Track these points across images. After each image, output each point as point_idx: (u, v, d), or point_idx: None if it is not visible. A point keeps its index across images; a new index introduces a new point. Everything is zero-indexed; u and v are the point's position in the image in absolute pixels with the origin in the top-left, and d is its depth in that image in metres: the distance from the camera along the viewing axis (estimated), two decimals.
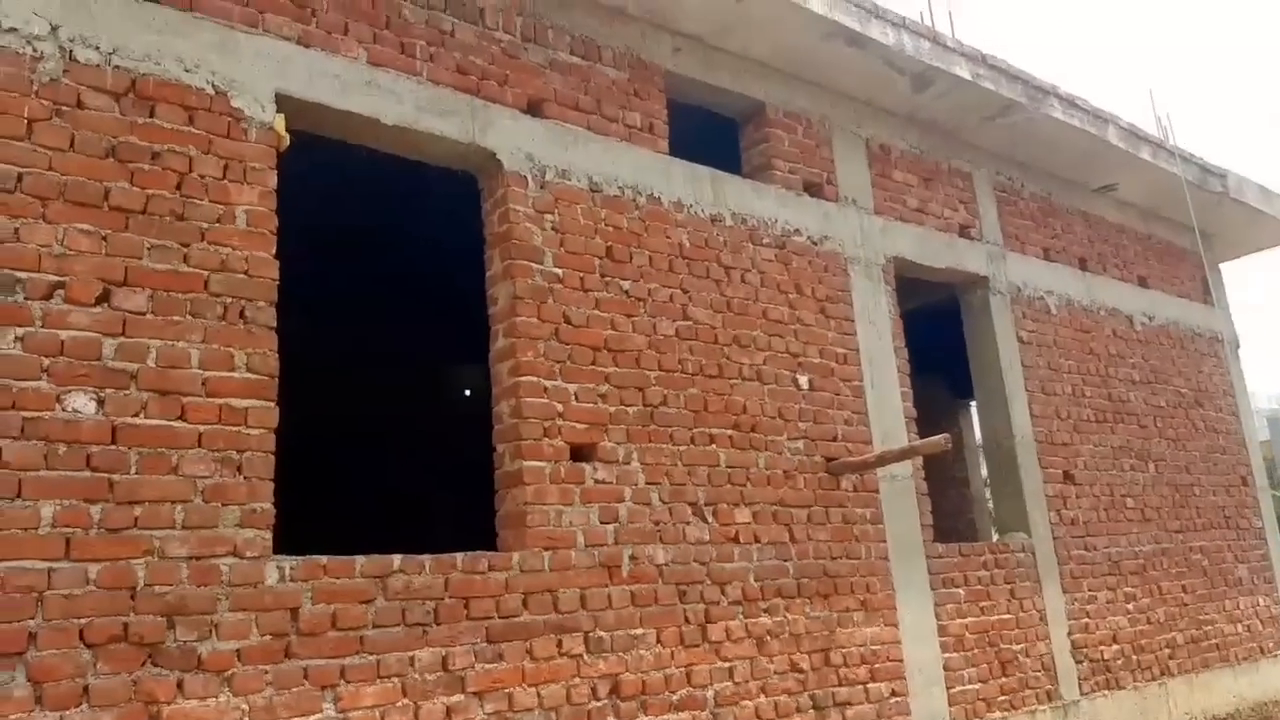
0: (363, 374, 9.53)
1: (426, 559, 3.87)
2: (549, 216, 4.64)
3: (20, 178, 3.27)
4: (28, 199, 3.26)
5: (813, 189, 5.88)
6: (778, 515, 5.09)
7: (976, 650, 5.79)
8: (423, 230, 6.83)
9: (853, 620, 5.23)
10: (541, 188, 4.66)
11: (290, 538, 3.68)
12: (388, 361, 9.59)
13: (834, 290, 5.74)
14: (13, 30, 3.37)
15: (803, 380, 5.42)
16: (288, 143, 3.93)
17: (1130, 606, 6.96)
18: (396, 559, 3.79)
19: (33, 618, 2.98)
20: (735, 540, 4.86)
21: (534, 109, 4.77)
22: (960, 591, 5.83)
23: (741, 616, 4.78)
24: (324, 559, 3.58)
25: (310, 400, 4.18)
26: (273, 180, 3.82)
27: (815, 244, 5.74)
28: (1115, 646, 6.74)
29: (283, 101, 3.93)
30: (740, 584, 4.82)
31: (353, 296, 8.20)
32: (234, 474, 3.44)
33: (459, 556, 3.98)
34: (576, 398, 4.50)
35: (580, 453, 4.45)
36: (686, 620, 4.58)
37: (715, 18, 5.31)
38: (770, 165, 5.73)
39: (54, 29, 3.45)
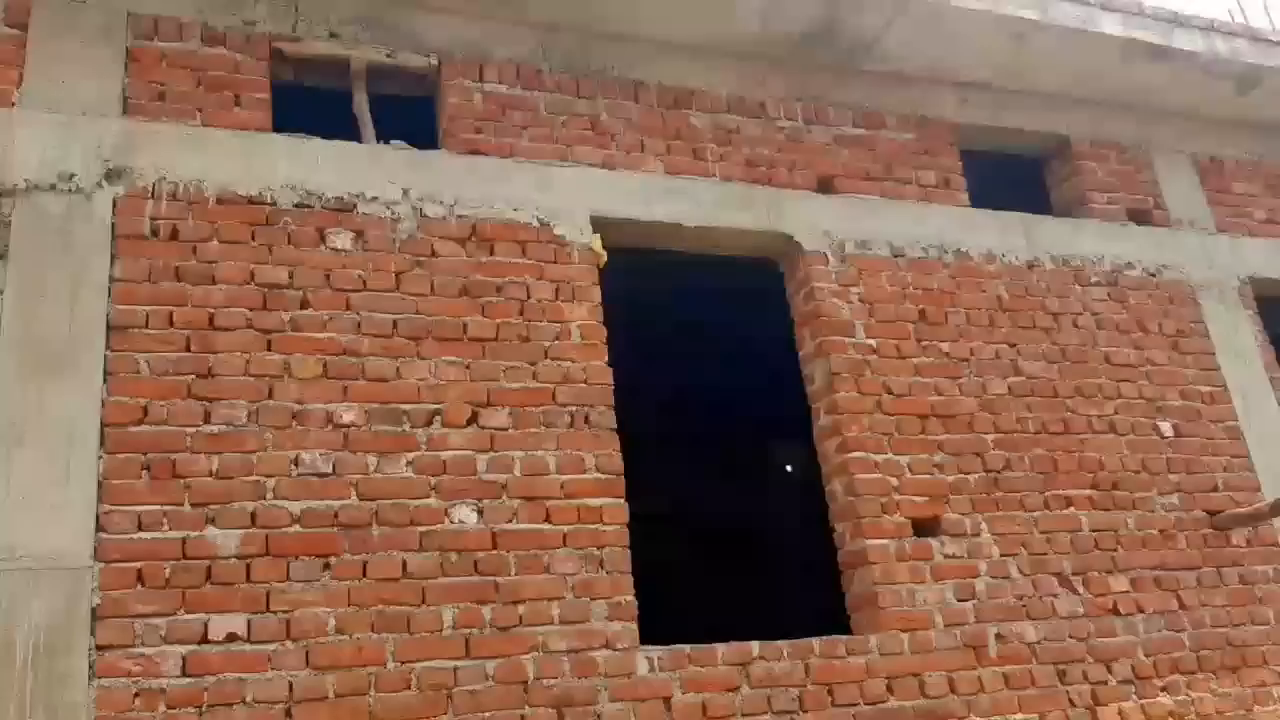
0: (684, 458, 9.77)
1: (784, 645, 3.83)
2: (854, 289, 4.61)
3: (395, 323, 3.75)
4: (404, 340, 3.73)
5: (1139, 217, 5.42)
6: (1160, 581, 4.55)
7: None
8: (727, 318, 7.03)
9: (1272, 696, 4.52)
10: (843, 261, 4.65)
11: (650, 629, 3.80)
12: (702, 443, 9.77)
13: (1184, 323, 5.19)
14: (375, 199, 3.93)
15: (1165, 427, 4.89)
16: (605, 259, 4.22)
17: None
18: (755, 646, 3.78)
19: (444, 714, 3.27)
20: (1114, 611, 4.39)
21: (825, 187, 4.82)
22: None
23: (1135, 697, 4.27)
24: (687, 648, 3.64)
25: (643, 491, 4.36)
26: (597, 295, 4.11)
27: (1153, 275, 5.25)
28: None
29: (597, 222, 4.25)
30: (1128, 660, 4.32)
31: (668, 388, 8.50)
32: (597, 569, 3.63)
33: (815, 641, 3.90)
34: (911, 469, 4.35)
35: (924, 527, 4.27)
36: (1071, 703, 4.16)
37: (997, 61, 5.14)
38: (1085, 199, 5.37)
39: (406, 192, 3.98)
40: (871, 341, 4.52)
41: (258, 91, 3.94)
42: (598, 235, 4.22)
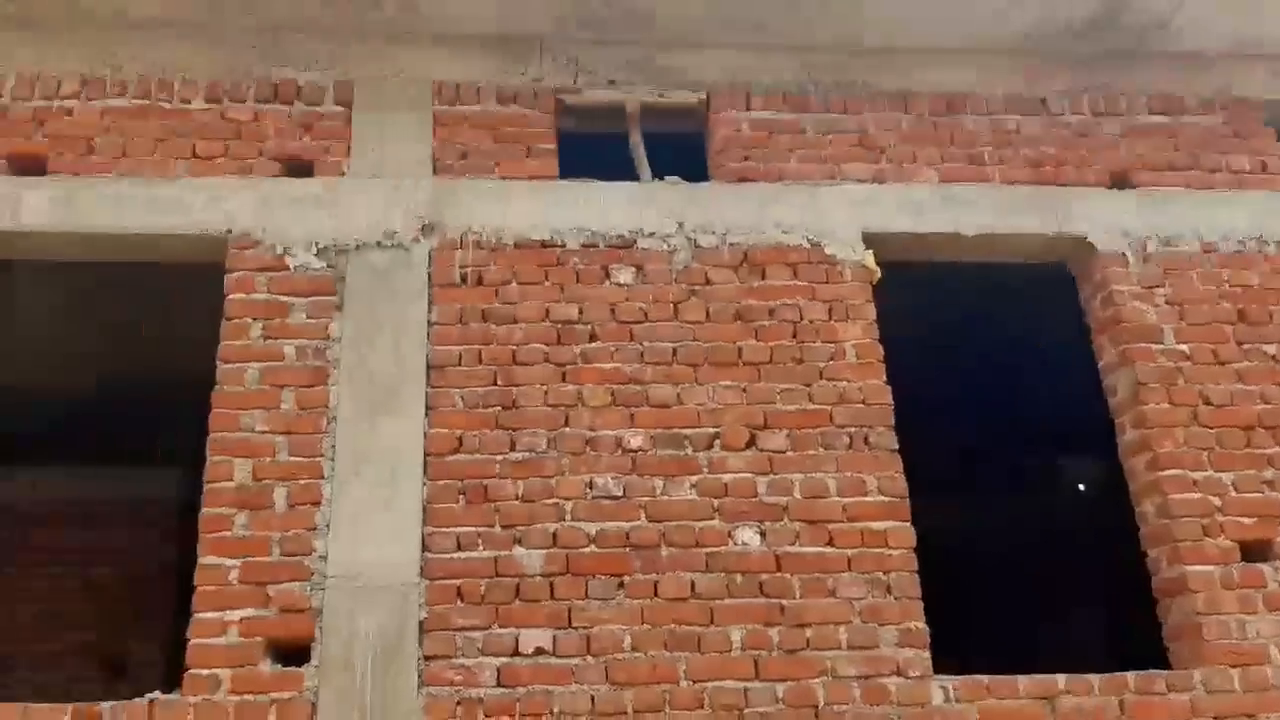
0: (961, 475, 9.35)
1: (1094, 679, 3.58)
2: (1160, 290, 4.23)
3: (675, 351, 3.91)
4: (683, 367, 3.88)
5: None
6: None
7: None
8: (1003, 328, 6.66)
9: None
10: (1144, 261, 4.28)
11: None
12: (986, 459, 9.29)
13: None
14: (652, 234, 4.11)
15: None
16: (879, 275, 4.16)
17: None
18: (1061, 679, 3.56)
19: None
20: None
21: (1119, 181, 4.47)
22: None
23: None
24: (985, 679, 3.50)
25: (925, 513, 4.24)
26: (872, 313, 4.06)
27: None
28: None
29: (869, 239, 4.19)
30: None
31: (947, 401, 8.18)
32: (885, 594, 3.58)
33: (1129, 676, 3.62)
34: (1236, 487, 3.92)
35: (1253, 551, 3.84)
36: None
37: None
38: None
39: (680, 225, 4.14)
40: (1183, 347, 4.13)
41: (545, 142, 4.26)
42: (870, 251, 4.17)
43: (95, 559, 7.20)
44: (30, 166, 4.01)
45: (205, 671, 3.36)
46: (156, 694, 3.38)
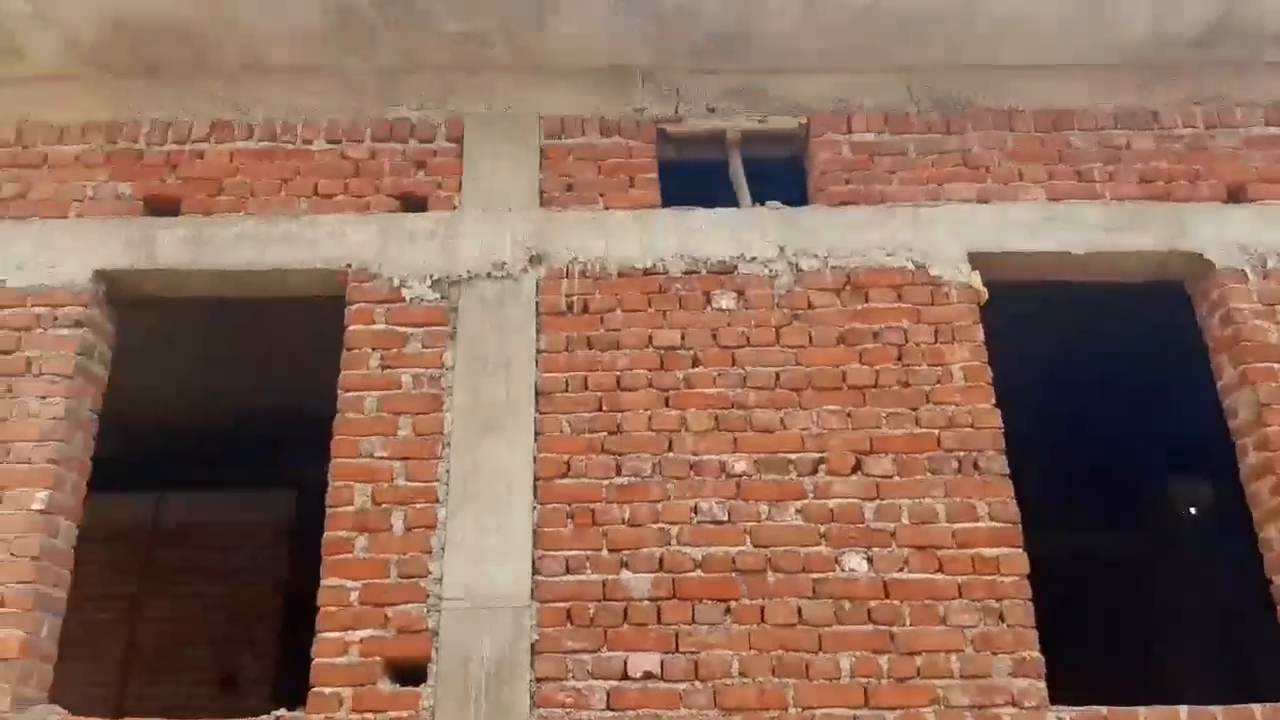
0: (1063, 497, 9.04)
1: (1217, 710, 3.45)
2: None
3: (778, 375, 3.93)
4: (786, 391, 3.90)
5: None
6: None
7: None
8: (1112, 346, 6.47)
9: None
10: (1264, 278, 4.13)
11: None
12: (1095, 482, 8.99)
13: None
14: (754, 259, 4.15)
15: None
16: (986, 296, 4.10)
17: None
18: (1182, 711, 3.44)
19: None
20: None
21: (1235, 196, 4.32)
22: None
23: None
24: (1104, 710, 3.41)
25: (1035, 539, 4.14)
26: (979, 335, 4.01)
27: None
28: None
29: (974, 259, 4.15)
30: None
31: (1054, 424, 7.97)
32: (997, 622, 3.51)
33: (1255, 708, 3.49)
34: None
35: None
36: None
37: None
38: None
39: (781, 249, 4.16)
40: None
41: (647, 172, 4.34)
42: (976, 272, 4.12)
43: (213, 578, 7.54)
44: (165, 207, 4.27)
45: (328, 690, 3.51)
46: (282, 711, 3.54)
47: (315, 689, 3.51)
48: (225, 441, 7.07)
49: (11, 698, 3.53)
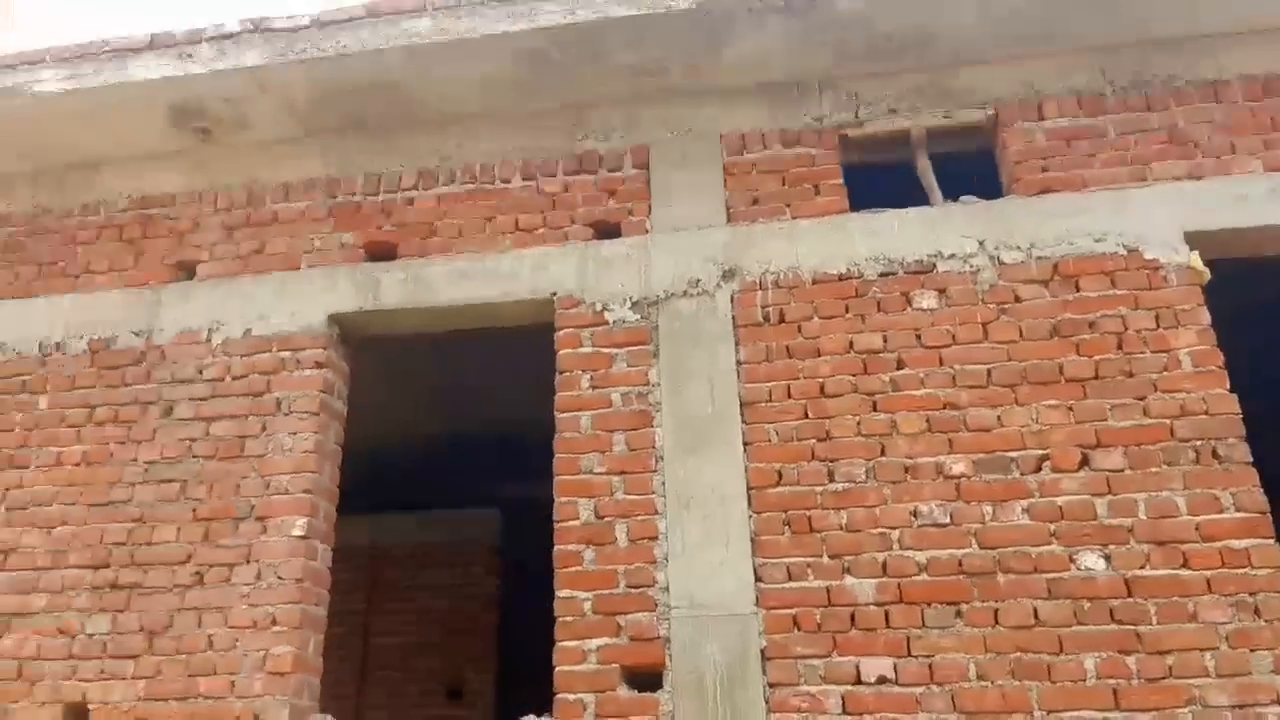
0: None
1: None
2: None
3: (989, 373, 3.86)
4: (999, 389, 3.83)
5: None
6: None
7: None
8: None
9: None
10: None
11: None
12: None
13: None
14: (952, 256, 4.10)
15: None
16: (1208, 276, 3.91)
17: None
18: None
19: None
20: None
21: None
22: None
23: None
24: None
25: None
26: (1205, 317, 3.82)
27: None
28: None
29: (1191, 238, 3.96)
30: None
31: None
32: (1253, 617, 3.34)
33: None
34: None
35: None
36: None
37: None
38: None
39: (981, 244, 4.09)
40: None
41: (832, 178, 4.36)
42: (1195, 252, 3.93)
43: (431, 595, 8.01)
44: (383, 253, 4.61)
45: (572, 696, 3.69)
46: (530, 718, 3.74)
47: (560, 694, 3.70)
48: (432, 465, 7.51)
49: (289, 710, 3.88)
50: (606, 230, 4.47)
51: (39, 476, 4.43)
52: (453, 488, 7.92)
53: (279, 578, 4.07)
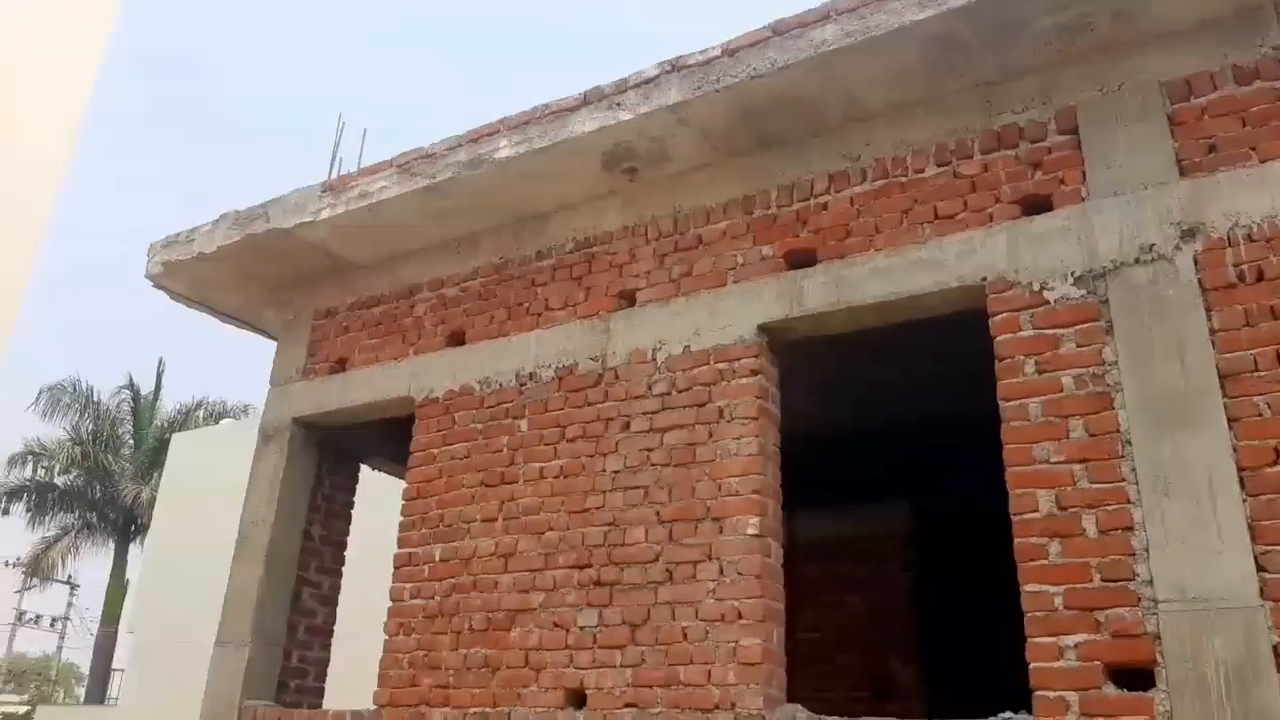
0: None
1: None
2: None
3: None
4: None
5: None
6: None
7: None
8: None
9: None
10: None
11: None
12: None
13: None
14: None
15: None
16: None
17: None
18: None
19: None
20: None
21: None
22: None
23: None
24: None
25: None
26: None
27: None
28: None
29: None
30: None
31: None
32: None
33: None
34: None
35: None
36: None
37: None
38: None
39: None
40: None
41: None
42: None
43: (849, 589, 8.09)
44: (803, 259, 4.76)
45: (1051, 694, 3.54)
46: (1008, 714, 3.65)
47: (1038, 692, 3.57)
48: (843, 460, 7.59)
49: (763, 698, 4.12)
50: (1035, 204, 4.25)
51: (527, 489, 5.10)
52: (861, 482, 7.94)
53: (739, 574, 4.33)
